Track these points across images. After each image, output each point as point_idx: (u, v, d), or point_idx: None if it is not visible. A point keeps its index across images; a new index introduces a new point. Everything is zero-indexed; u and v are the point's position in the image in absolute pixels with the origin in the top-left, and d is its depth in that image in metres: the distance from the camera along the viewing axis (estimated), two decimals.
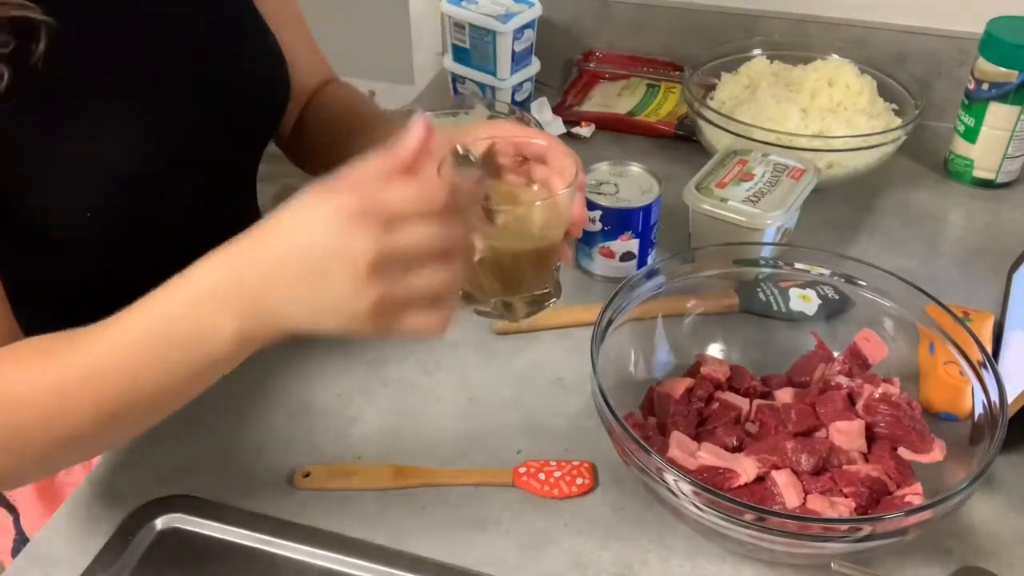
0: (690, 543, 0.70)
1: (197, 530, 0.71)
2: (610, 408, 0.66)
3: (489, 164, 0.70)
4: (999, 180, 1.09)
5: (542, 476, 0.73)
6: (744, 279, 0.92)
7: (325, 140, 0.90)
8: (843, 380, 0.76)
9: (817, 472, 0.69)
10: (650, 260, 0.96)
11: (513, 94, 1.22)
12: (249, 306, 0.55)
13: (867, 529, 0.60)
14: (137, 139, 0.71)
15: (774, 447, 0.70)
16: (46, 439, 0.58)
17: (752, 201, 0.91)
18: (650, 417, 0.76)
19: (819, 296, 0.87)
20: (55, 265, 0.74)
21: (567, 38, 1.33)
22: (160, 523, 0.71)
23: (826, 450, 0.70)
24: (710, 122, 1.06)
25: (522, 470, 0.74)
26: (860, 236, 1.02)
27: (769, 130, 1.02)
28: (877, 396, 0.73)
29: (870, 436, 0.72)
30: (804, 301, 0.87)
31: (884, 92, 1.13)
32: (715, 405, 0.75)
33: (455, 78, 1.25)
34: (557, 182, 0.68)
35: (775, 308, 0.88)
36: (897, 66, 1.14)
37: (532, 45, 1.21)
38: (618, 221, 0.91)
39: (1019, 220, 1.05)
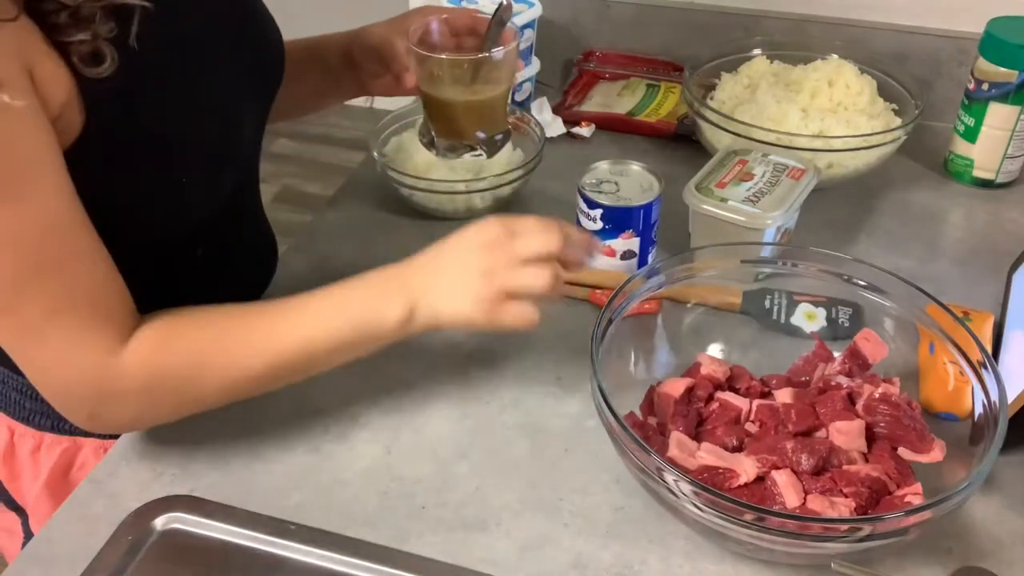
0: (690, 543, 0.70)
1: (197, 530, 0.71)
2: (610, 408, 0.66)
3: (429, 42, 0.90)
4: (999, 180, 1.09)
5: None
6: (750, 280, 0.93)
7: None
8: (843, 380, 0.76)
9: (817, 472, 0.69)
10: (651, 259, 0.96)
11: (513, 94, 1.21)
12: (413, 295, 0.71)
13: (867, 529, 0.60)
14: (214, 108, 0.75)
15: (774, 447, 0.70)
16: (223, 378, 0.71)
17: (752, 201, 0.91)
18: (650, 417, 0.76)
19: (828, 319, 0.87)
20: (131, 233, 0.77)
21: (567, 38, 1.33)
22: (160, 523, 0.71)
23: (826, 450, 0.70)
24: (710, 122, 1.06)
25: None
26: (860, 236, 1.02)
27: (769, 130, 1.02)
28: (877, 396, 0.73)
29: (870, 436, 0.72)
30: (808, 319, 0.87)
31: (884, 92, 1.13)
32: (715, 405, 0.75)
33: None
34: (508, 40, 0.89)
35: (774, 317, 0.88)
36: (897, 66, 1.14)
37: (532, 45, 1.21)
38: (619, 219, 0.91)
39: (1019, 220, 1.05)
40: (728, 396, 0.76)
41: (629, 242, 0.92)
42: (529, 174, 1.04)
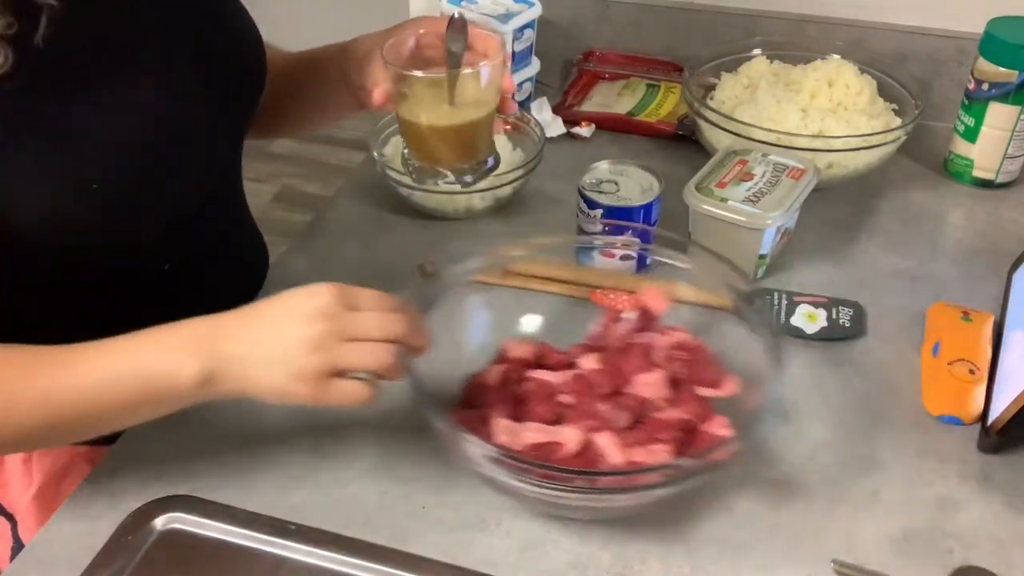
0: (690, 543, 0.70)
1: (197, 530, 0.71)
2: (432, 407, 0.67)
3: (419, 57, 0.81)
4: (999, 180, 1.09)
5: None
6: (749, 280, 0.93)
7: (276, 91, 0.91)
8: (638, 337, 0.79)
9: (632, 426, 0.72)
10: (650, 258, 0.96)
11: (513, 94, 1.21)
12: (213, 352, 0.64)
13: (690, 466, 0.64)
14: (138, 110, 0.72)
15: (590, 412, 0.72)
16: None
17: (752, 201, 0.91)
18: (471, 410, 0.76)
19: (828, 319, 0.87)
20: (61, 242, 0.74)
21: (567, 38, 1.33)
22: (160, 523, 0.71)
23: (636, 404, 0.73)
24: (710, 122, 1.06)
25: None
26: (860, 236, 1.02)
27: (769, 130, 1.02)
28: (671, 344, 0.77)
29: (672, 382, 0.75)
30: (808, 319, 0.87)
31: (884, 92, 1.13)
32: (529, 385, 0.77)
33: None
34: (494, 57, 0.78)
35: (774, 317, 0.88)
36: (897, 66, 1.14)
37: (532, 45, 1.21)
38: (619, 219, 0.91)
39: (1019, 220, 1.05)
40: (540, 374, 0.78)
41: None
42: (529, 174, 1.04)
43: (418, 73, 0.77)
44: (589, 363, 0.78)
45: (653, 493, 0.64)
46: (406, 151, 0.84)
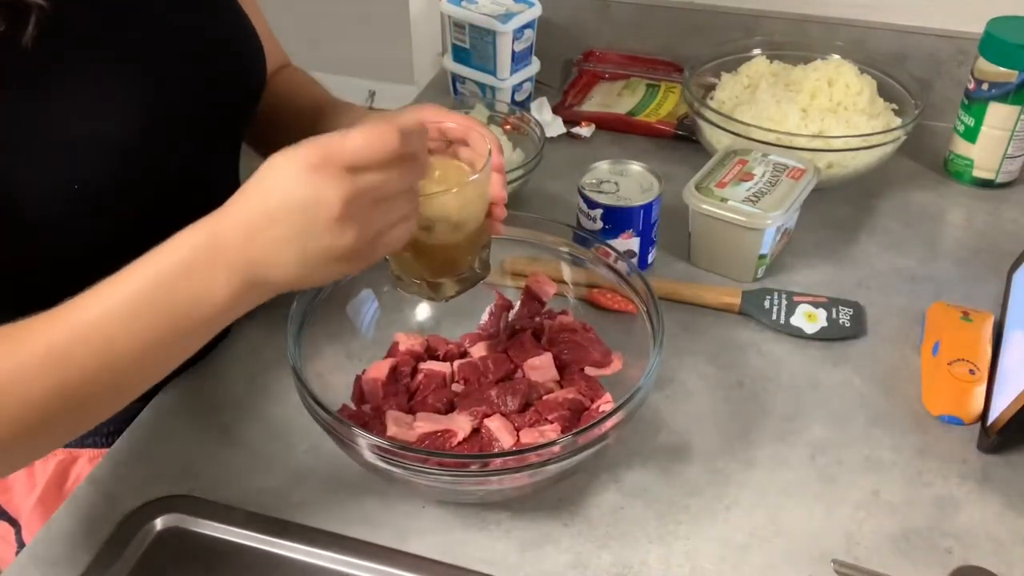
0: (690, 543, 0.70)
1: (197, 530, 0.71)
2: (319, 404, 0.67)
3: None
4: (999, 180, 1.09)
5: None
6: (749, 280, 0.93)
7: (275, 120, 0.90)
8: (526, 323, 0.82)
9: (523, 409, 0.74)
10: (650, 258, 0.96)
11: (513, 94, 1.22)
12: (240, 265, 0.58)
13: (575, 443, 0.65)
14: (123, 111, 0.71)
15: (481, 399, 0.75)
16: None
17: (752, 201, 0.91)
18: (364, 405, 0.78)
19: (828, 319, 0.87)
20: (37, 247, 0.74)
21: (567, 38, 1.33)
22: (160, 523, 0.71)
23: (525, 388, 0.75)
24: (710, 122, 1.06)
25: None
26: (860, 236, 1.02)
27: (769, 130, 1.02)
28: (556, 327, 0.80)
29: (560, 364, 0.78)
30: (808, 319, 0.87)
31: (884, 92, 1.13)
32: (420, 376, 0.79)
33: (455, 78, 1.25)
34: (479, 164, 0.69)
35: (774, 317, 0.88)
36: (897, 66, 1.14)
37: (532, 45, 1.21)
38: (619, 219, 0.91)
39: (1019, 220, 1.05)
40: (430, 365, 0.80)
41: (629, 242, 0.92)
42: (529, 174, 1.04)
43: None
44: (479, 351, 0.81)
45: (544, 470, 0.65)
46: (403, 276, 0.73)
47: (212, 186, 0.81)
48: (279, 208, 0.57)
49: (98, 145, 0.69)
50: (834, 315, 0.88)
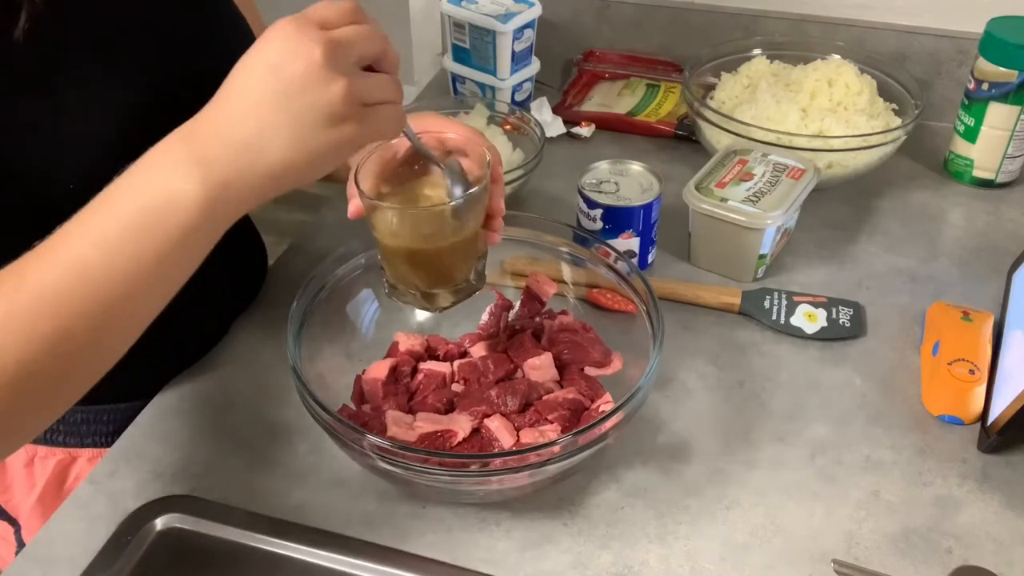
0: (690, 543, 0.70)
1: (197, 530, 0.71)
2: (320, 404, 0.67)
3: (409, 163, 0.71)
4: (999, 180, 1.09)
5: None
6: (749, 281, 0.93)
7: None
8: (526, 323, 0.83)
9: (523, 409, 0.74)
10: (650, 258, 0.96)
11: (513, 94, 1.22)
12: (214, 152, 0.53)
13: (575, 443, 0.65)
14: (118, 111, 0.71)
15: (481, 399, 0.74)
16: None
17: (752, 201, 0.91)
18: (364, 405, 0.78)
19: (828, 319, 0.87)
20: (33, 245, 0.73)
21: (567, 38, 1.33)
22: (160, 523, 0.71)
23: (525, 388, 0.75)
24: (710, 122, 1.06)
25: None
26: (860, 236, 1.02)
27: (769, 130, 1.02)
28: (556, 327, 0.80)
29: (560, 365, 0.78)
30: (808, 319, 0.87)
31: (884, 92, 1.13)
32: (420, 376, 0.79)
33: (455, 78, 1.25)
34: (477, 175, 0.69)
35: (774, 317, 0.88)
36: (897, 66, 1.14)
37: (532, 45, 1.21)
38: (619, 219, 0.91)
39: (1019, 220, 1.05)
40: (430, 365, 0.80)
41: (629, 242, 0.92)
42: (529, 174, 1.04)
43: (383, 204, 0.68)
44: (479, 351, 0.81)
45: (544, 470, 0.65)
46: (379, 258, 0.74)
47: None
48: (255, 77, 0.53)
49: (96, 146, 0.69)
50: (834, 315, 0.88)
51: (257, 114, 0.53)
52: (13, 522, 0.90)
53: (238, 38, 0.84)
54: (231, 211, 0.56)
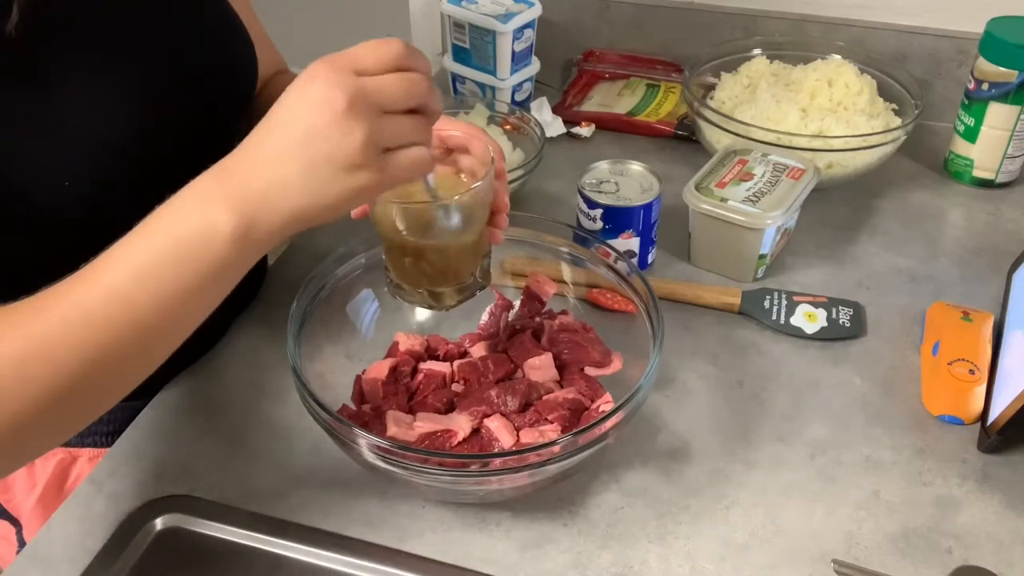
0: (690, 543, 0.70)
1: (197, 530, 0.71)
2: (320, 404, 0.67)
3: None
4: (999, 180, 1.09)
5: None
6: (749, 280, 0.93)
7: None
8: (526, 323, 0.82)
9: (523, 409, 0.74)
10: (651, 258, 0.96)
11: (513, 94, 1.22)
12: (242, 192, 0.54)
13: (575, 443, 0.65)
14: (115, 110, 0.71)
15: (481, 399, 0.75)
16: (22, 396, 0.53)
17: (752, 201, 0.91)
18: (364, 405, 0.78)
19: (828, 319, 0.87)
20: (31, 244, 0.73)
21: (567, 38, 1.33)
22: (160, 523, 0.71)
23: (525, 388, 0.75)
24: (710, 122, 1.06)
25: None
26: (860, 236, 1.02)
27: (769, 130, 1.02)
28: (556, 327, 0.80)
29: (560, 364, 0.79)
30: (808, 319, 0.87)
31: (884, 92, 1.13)
32: (420, 376, 0.79)
33: (455, 78, 1.25)
34: (480, 172, 0.69)
35: (774, 317, 0.88)
36: (897, 66, 1.14)
37: (532, 45, 1.21)
38: (619, 219, 0.91)
39: (1019, 220, 1.05)
40: (430, 365, 0.80)
41: (629, 242, 0.92)
42: (529, 174, 1.04)
43: (389, 201, 0.66)
44: (479, 351, 0.81)
45: (544, 470, 0.65)
46: (384, 258, 0.74)
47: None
48: (282, 123, 0.54)
49: (90, 143, 0.69)
50: (834, 315, 0.88)
51: (279, 160, 0.54)
52: (15, 522, 0.90)
53: (231, 36, 0.85)
54: (255, 249, 0.57)
